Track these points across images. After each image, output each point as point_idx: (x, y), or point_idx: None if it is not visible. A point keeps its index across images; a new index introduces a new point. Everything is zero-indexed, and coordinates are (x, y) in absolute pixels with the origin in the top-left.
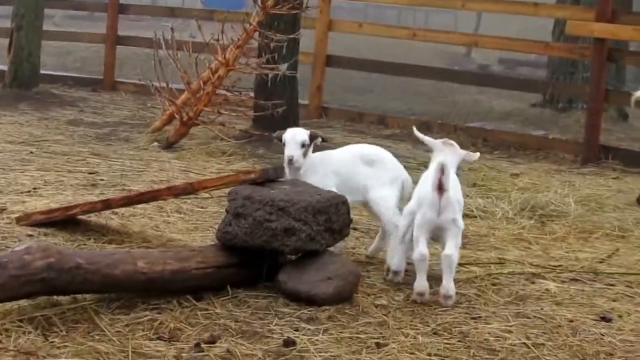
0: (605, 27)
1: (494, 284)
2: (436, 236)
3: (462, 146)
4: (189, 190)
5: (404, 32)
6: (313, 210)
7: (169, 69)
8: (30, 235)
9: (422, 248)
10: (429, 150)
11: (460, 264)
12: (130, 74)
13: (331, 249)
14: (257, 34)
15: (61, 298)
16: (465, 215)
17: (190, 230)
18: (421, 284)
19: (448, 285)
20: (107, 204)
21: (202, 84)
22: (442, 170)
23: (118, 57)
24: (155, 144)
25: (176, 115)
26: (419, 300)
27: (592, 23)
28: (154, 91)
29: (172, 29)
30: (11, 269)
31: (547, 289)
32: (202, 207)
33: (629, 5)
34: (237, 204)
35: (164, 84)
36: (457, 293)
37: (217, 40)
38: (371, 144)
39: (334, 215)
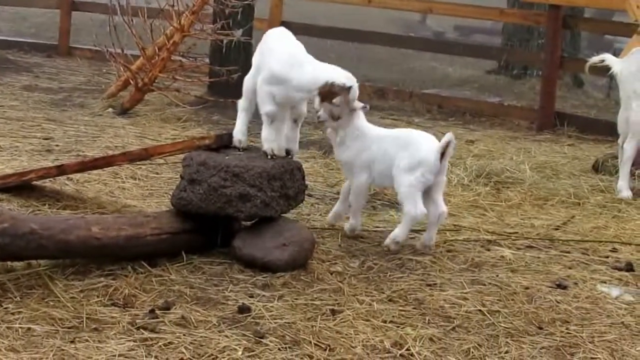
0: None
1: (449, 251)
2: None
3: (418, 113)
4: (144, 156)
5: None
6: (268, 176)
7: (125, 35)
8: None
9: (422, 206)
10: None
11: (414, 231)
12: (85, 40)
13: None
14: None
15: (15, 264)
16: None
17: (145, 196)
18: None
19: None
20: (62, 170)
21: (157, 50)
22: (449, 141)
23: (73, 23)
24: (110, 110)
25: (131, 81)
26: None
27: None
28: (109, 57)
29: None
30: None
31: (502, 256)
32: (157, 173)
33: None
34: (192, 169)
35: (119, 50)
36: (411, 260)
37: (172, 6)
38: None
39: (289, 181)
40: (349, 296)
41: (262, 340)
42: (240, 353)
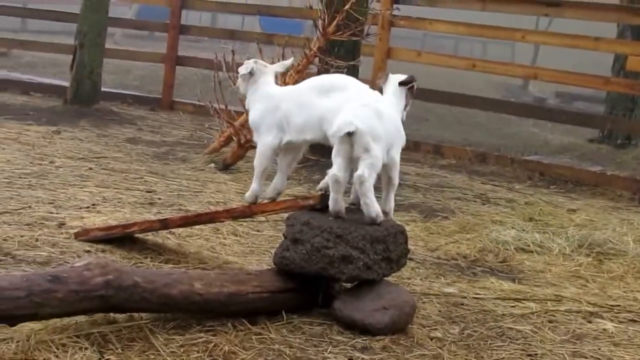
0: None
1: (550, 321)
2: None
3: (519, 179)
4: (247, 213)
5: (463, 62)
6: (371, 238)
7: (228, 90)
8: (88, 251)
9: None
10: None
11: (516, 299)
12: (187, 95)
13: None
14: (316, 59)
15: (117, 315)
16: (521, 250)
17: (246, 253)
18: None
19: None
20: (165, 224)
21: None
22: None
23: (176, 77)
24: (212, 165)
25: (234, 138)
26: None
27: None
28: (213, 112)
29: (232, 51)
30: (71, 284)
31: (604, 329)
32: (258, 231)
33: None
34: (295, 229)
35: (222, 106)
36: (512, 329)
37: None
38: (428, 174)
39: (392, 244)
40: None
41: None
42: None
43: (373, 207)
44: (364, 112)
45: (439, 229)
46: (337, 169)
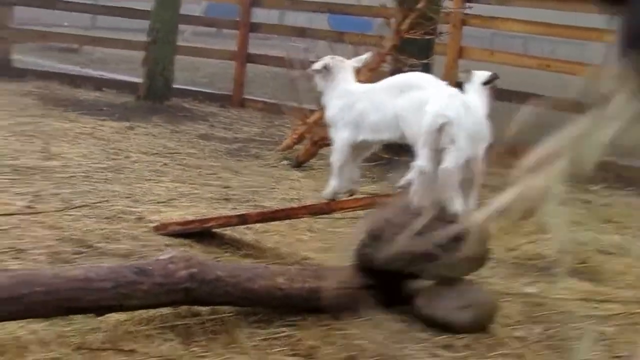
0: None
1: (633, 324)
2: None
3: (594, 181)
4: (325, 210)
5: (535, 62)
6: (454, 237)
7: (301, 88)
8: (168, 245)
9: None
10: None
11: (598, 301)
12: (257, 92)
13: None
14: (389, 58)
15: (201, 308)
16: (600, 252)
17: (323, 250)
18: None
19: None
20: (243, 219)
21: None
22: None
23: (246, 74)
24: (285, 162)
25: (307, 135)
26: None
27: None
28: (287, 109)
29: (307, 48)
30: (156, 276)
31: None
32: (334, 228)
33: None
34: (376, 226)
35: (294, 103)
36: (595, 330)
37: None
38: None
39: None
40: None
41: None
42: None
43: (456, 202)
44: (453, 102)
45: (517, 228)
46: (423, 160)
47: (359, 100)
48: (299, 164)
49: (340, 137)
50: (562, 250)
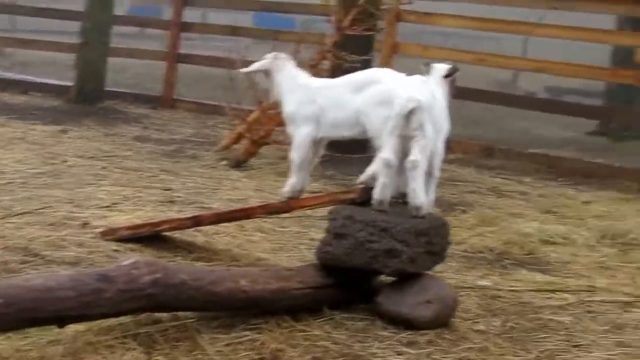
0: None
1: (588, 312)
2: None
3: (527, 173)
4: (284, 208)
5: (470, 57)
6: (415, 231)
7: (237, 87)
8: (116, 251)
9: None
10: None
11: (551, 291)
12: (187, 92)
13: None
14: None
15: (162, 315)
16: (546, 242)
17: (275, 250)
18: None
19: None
20: (197, 221)
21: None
22: None
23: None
24: (224, 162)
25: (246, 135)
26: None
27: None
28: (228, 109)
29: (246, 46)
30: (120, 283)
31: None
32: (283, 227)
33: None
34: (338, 223)
35: (229, 103)
36: (552, 320)
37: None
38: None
39: (435, 237)
40: (497, 356)
41: None
42: None
43: (420, 195)
44: (424, 88)
45: (460, 222)
46: (389, 151)
47: (318, 95)
48: (238, 164)
49: (300, 133)
50: (508, 243)
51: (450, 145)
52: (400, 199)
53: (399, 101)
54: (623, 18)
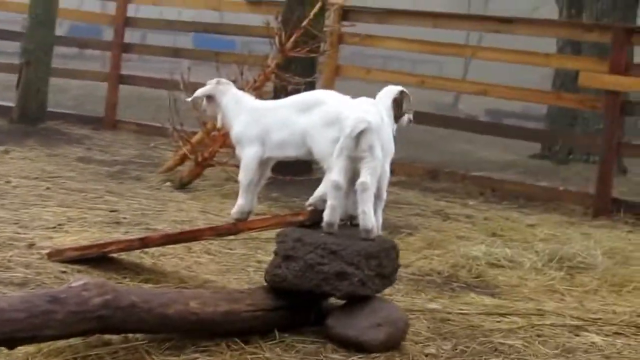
0: (618, 79)
1: (538, 335)
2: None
3: (471, 195)
4: (233, 230)
5: (412, 79)
6: (366, 254)
7: (180, 109)
8: (64, 272)
9: None
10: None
11: (500, 314)
12: (127, 114)
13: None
14: (273, 76)
15: (112, 337)
16: (493, 265)
17: (223, 271)
18: None
19: None
20: (145, 243)
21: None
22: None
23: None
24: (168, 183)
25: (190, 156)
26: None
27: (605, 75)
28: (171, 131)
29: (189, 68)
30: (70, 304)
31: (593, 342)
32: (230, 249)
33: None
34: (287, 246)
35: (172, 125)
36: (503, 343)
37: (234, 81)
38: None
39: (385, 260)
40: None
41: None
42: None
43: (370, 217)
44: (373, 110)
45: (406, 245)
46: (337, 174)
47: (264, 117)
48: (182, 186)
49: (247, 154)
50: (456, 266)
51: (394, 167)
52: (348, 221)
53: (348, 122)
54: (562, 42)
